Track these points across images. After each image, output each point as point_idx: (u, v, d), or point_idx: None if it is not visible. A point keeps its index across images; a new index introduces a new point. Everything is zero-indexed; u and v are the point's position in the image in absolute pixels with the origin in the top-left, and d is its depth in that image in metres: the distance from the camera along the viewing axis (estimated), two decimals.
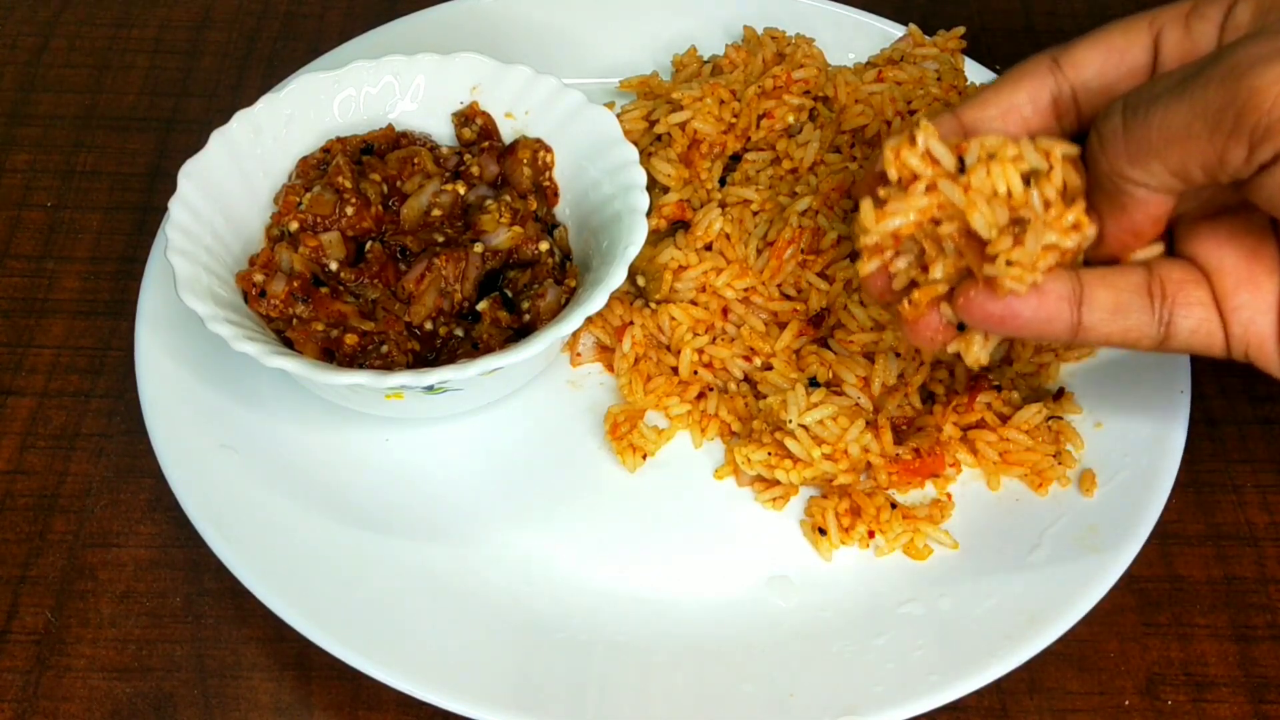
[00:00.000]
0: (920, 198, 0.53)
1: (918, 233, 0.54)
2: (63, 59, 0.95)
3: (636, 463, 0.70)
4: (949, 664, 0.60)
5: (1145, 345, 0.54)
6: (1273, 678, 0.65)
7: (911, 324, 0.56)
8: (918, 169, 0.53)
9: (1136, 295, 0.53)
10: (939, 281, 0.55)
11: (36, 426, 0.74)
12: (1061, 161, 0.52)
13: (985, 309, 0.53)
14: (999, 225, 0.52)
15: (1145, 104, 0.48)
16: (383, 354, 0.67)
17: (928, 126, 0.53)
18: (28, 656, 0.64)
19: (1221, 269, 0.53)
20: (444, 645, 0.61)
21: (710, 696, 0.61)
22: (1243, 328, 0.53)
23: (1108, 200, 0.52)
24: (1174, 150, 0.47)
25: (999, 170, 0.52)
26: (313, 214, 0.71)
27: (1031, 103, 0.55)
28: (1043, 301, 0.52)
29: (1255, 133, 0.44)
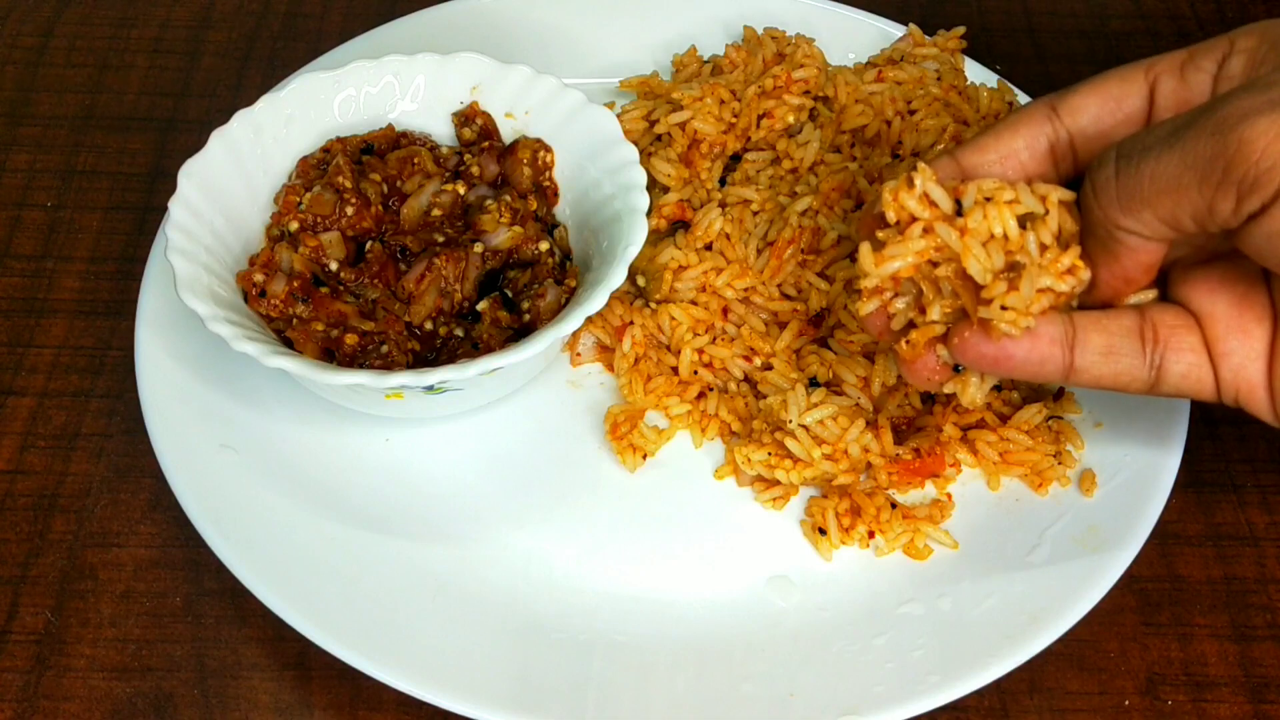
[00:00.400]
0: (917, 240, 0.55)
1: (915, 275, 0.56)
2: (63, 59, 0.95)
3: (636, 463, 0.70)
4: (949, 664, 0.60)
5: (1136, 388, 0.55)
6: (1273, 677, 0.65)
7: (909, 364, 0.57)
8: (915, 211, 0.55)
9: (1128, 339, 0.54)
10: (936, 323, 0.56)
11: (37, 426, 0.74)
12: (1057, 206, 0.53)
13: (979, 350, 0.54)
14: (994, 269, 0.53)
15: (1138, 154, 0.49)
16: (383, 354, 0.67)
17: (925, 169, 0.54)
18: (28, 656, 0.64)
19: (1212, 315, 0.54)
20: (444, 645, 0.61)
21: (710, 696, 0.61)
22: (1233, 373, 0.54)
23: (1101, 246, 0.53)
24: (1164, 200, 0.48)
25: (995, 213, 0.53)
26: (313, 214, 0.71)
27: (1029, 148, 0.56)
28: (1035, 344, 0.53)
29: (1243, 184, 0.45)
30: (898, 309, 0.57)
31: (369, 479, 0.69)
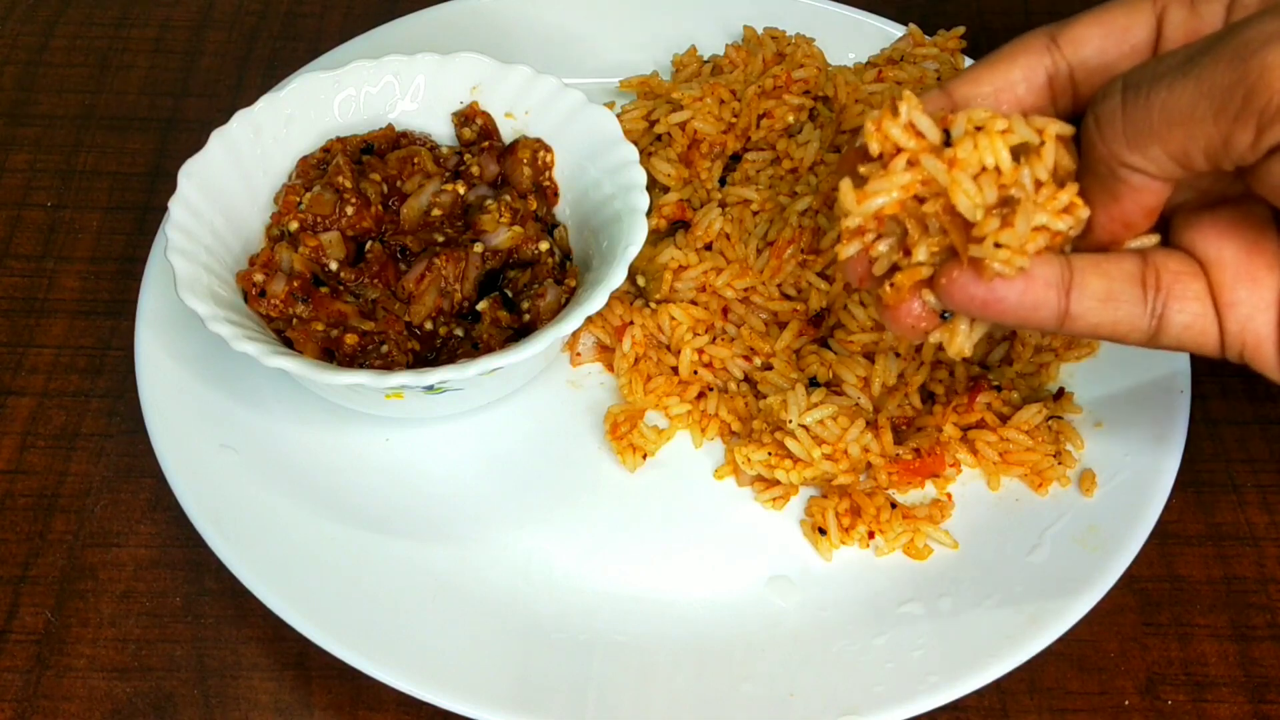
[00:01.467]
0: (902, 174, 0.50)
1: (900, 213, 0.51)
2: (63, 59, 0.95)
3: (636, 463, 0.70)
4: (949, 664, 0.60)
5: (1134, 339, 0.51)
6: (1273, 677, 0.65)
7: (892, 310, 0.52)
8: (900, 142, 0.50)
9: (1129, 284, 0.50)
10: (922, 264, 0.51)
11: (37, 426, 0.74)
12: (1054, 140, 0.49)
13: (968, 292, 0.50)
14: (986, 204, 0.49)
15: (1147, 83, 0.45)
16: (383, 354, 0.67)
17: (911, 97, 0.50)
18: (28, 656, 0.64)
19: (1219, 262, 0.50)
20: (444, 645, 0.61)
21: (710, 696, 0.61)
22: (1239, 325, 0.50)
23: (1101, 186, 0.49)
24: (1176, 133, 0.45)
25: (987, 143, 0.48)
26: (313, 214, 0.71)
27: (1026, 80, 0.52)
28: (1030, 286, 0.49)
29: (1265, 114, 0.42)
30: (881, 252, 0.52)
31: (369, 479, 0.69)
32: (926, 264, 0.51)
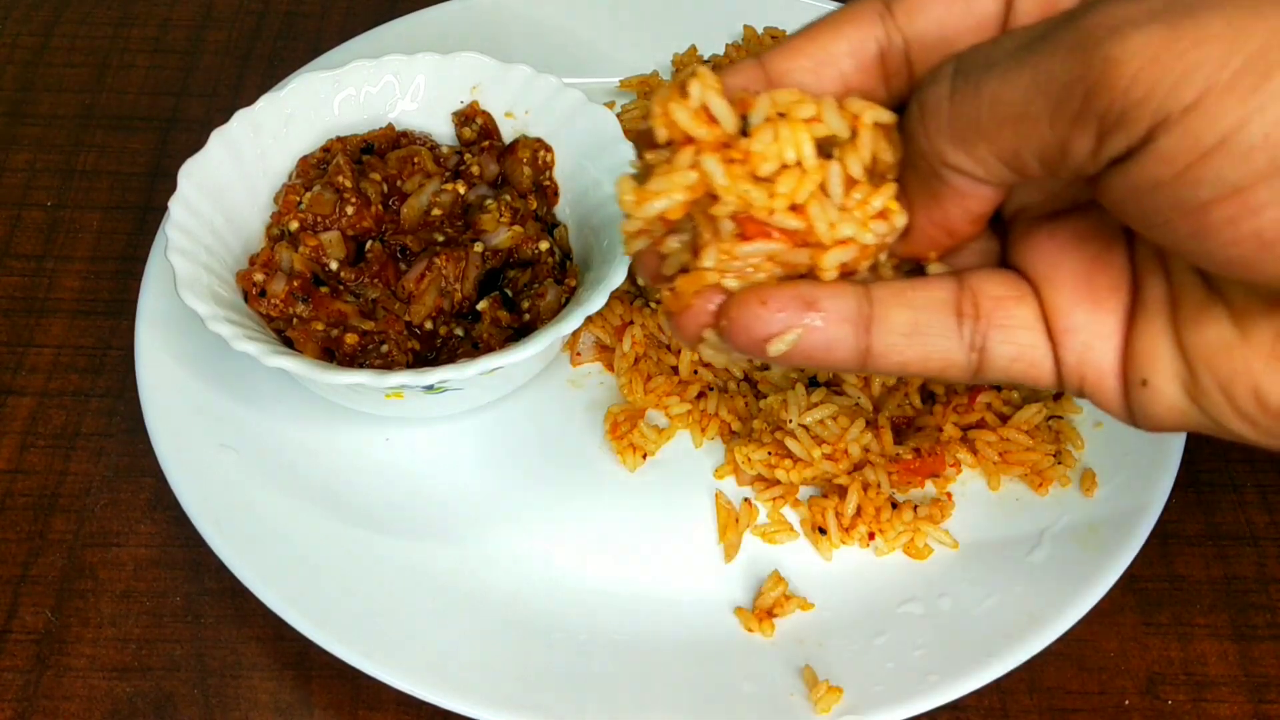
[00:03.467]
0: (689, 171, 0.41)
1: (692, 209, 0.42)
2: (63, 58, 0.95)
3: (636, 462, 0.70)
4: (949, 663, 0.60)
5: (954, 374, 0.43)
6: (1273, 677, 0.65)
7: (674, 315, 0.44)
8: (689, 129, 0.41)
9: (940, 314, 0.42)
10: (710, 270, 0.42)
11: (36, 426, 0.74)
12: (872, 130, 0.41)
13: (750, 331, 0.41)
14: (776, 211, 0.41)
15: (979, 70, 0.37)
16: (383, 353, 0.67)
17: (705, 74, 0.41)
18: (28, 656, 0.64)
19: (1054, 281, 0.42)
20: (444, 644, 0.61)
21: (710, 696, 0.61)
22: (1077, 356, 0.42)
23: (921, 185, 0.41)
24: (1006, 132, 0.37)
25: (788, 134, 0.40)
26: (313, 213, 0.71)
27: (853, 55, 0.43)
28: (822, 322, 0.41)
29: (1106, 118, 0.34)
30: (671, 248, 0.43)
31: (369, 478, 0.69)
32: (715, 270, 0.42)
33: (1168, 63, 0.32)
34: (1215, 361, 0.39)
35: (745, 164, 0.40)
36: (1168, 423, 0.40)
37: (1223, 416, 0.39)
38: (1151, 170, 0.34)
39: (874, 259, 0.43)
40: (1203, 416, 0.40)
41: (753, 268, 0.42)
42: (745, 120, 0.42)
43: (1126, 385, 0.41)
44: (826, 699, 0.59)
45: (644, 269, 0.45)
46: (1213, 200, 0.33)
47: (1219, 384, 0.39)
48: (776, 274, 0.42)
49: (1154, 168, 0.34)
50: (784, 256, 0.41)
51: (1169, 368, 0.40)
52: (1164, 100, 0.32)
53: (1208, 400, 0.39)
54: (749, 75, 0.43)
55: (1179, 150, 0.33)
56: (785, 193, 0.40)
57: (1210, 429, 0.40)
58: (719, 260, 0.42)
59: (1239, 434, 0.39)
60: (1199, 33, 0.32)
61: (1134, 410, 0.41)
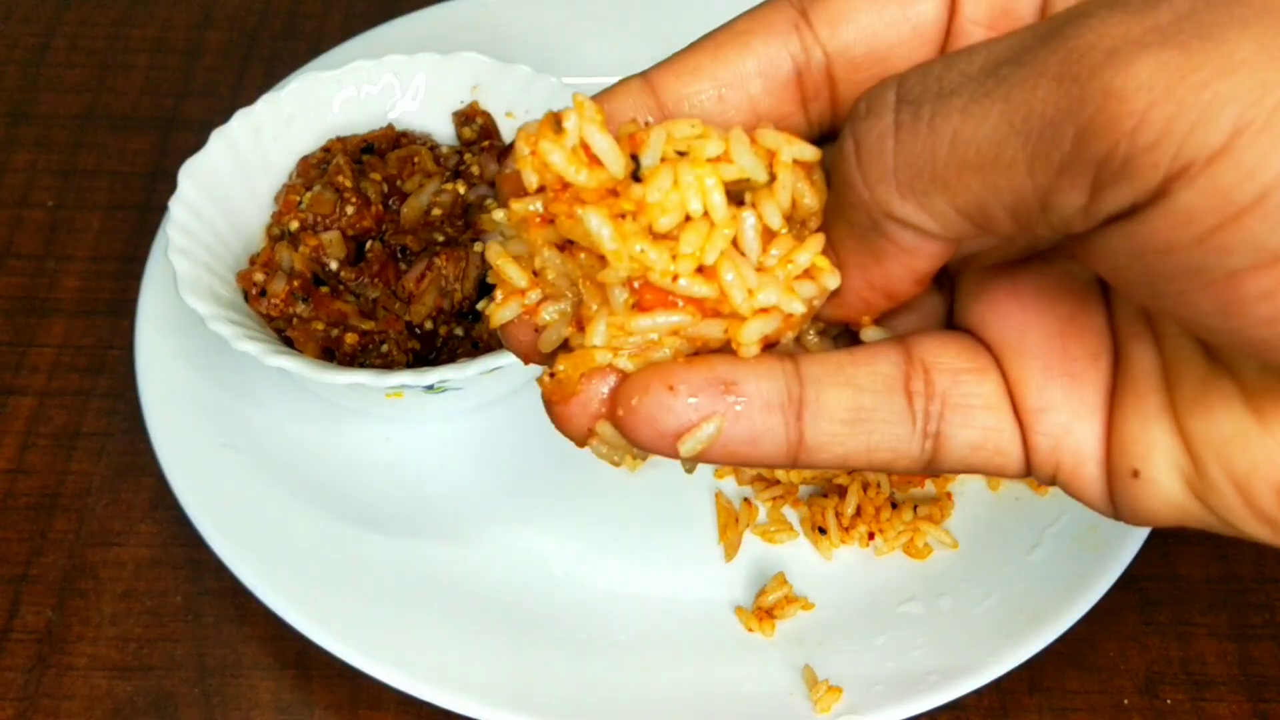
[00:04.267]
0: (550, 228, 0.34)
1: (571, 271, 0.34)
2: (64, 58, 0.95)
3: (636, 462, 0.70)
4: (949, 663, 0.61)
5: (903, 466, 0.35)
6: (1272, 676, 0.65)
7: (556, 405, 0.35)
8: (564, 174, 0.33)
9: (886, 394, 0.34)
10: (600, 349, 0.34)
11: (37, 425, 0.74)
12: (790, 169, 0.34)
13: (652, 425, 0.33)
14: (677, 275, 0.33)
15: (932, 100, 0.29)
16: (383, 353, 0.67)
17: (585, 103, 0.34)
18: (29, 655, 0.64)
19: (1021, 350, 0.34)
20: (444, 644, 0.61)
21: (710, 696, 0.61)
22: (1051, 440, 0.34)
23: (857, 240, 0.33)
24: (969, 181, 0.29)
25: (691, 179, 0.32)
26: (313, 213, 0.71)
27: (764, 74, 0.35)
28: (744, 410, 0.33)
29: (1106, 166, 0.26)
30: (550, 320, 0.35)
31: (369, 478, 0.69)
32: (605, 348, 0.34)
33: (1186, 97, 0.25)
34: (1227, 452, 0.31)
35: (639, 217, 0.32)
36: (1160, 518, 0.34)
37: (1234, 515, 0.32)
38: (1165, 232, 0.26)
39: (799, 329, 0.35)
40: (1206, 514, 0.32)
41: (653, 345, 0.34)
42: (636, 162, 0.33)
43: (1111, 475, 0.34)
44: (826, 699, 0.59)
45: (513, 343, 0.36)
46: (1246, 270, 0.26)
47: (1233, 479, 0.31)
48: (683, 351, 0.34)
49: (1169, 229, 0.26)
50: (692, 330, 0.33)
51: (1166, 457, 0.32)
52: (1183, 145, 0.25)
53: (1217, 497, 0.32)
54: (637, 100, 0.35)
55: (1203, 208, 0.25)
56: (690, 252, 0.32)
57: (1213, 527, 0.33)
58: (610, 336, 0.34)
59: (1252, 535, 0.32)
60: (1224, 58, 0.25)
61: (1120, 504, 0.34)
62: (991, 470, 0.35)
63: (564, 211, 0.33)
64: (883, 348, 0.35)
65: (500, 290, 0.35)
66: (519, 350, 0.36)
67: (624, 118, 0.34)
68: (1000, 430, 0.34)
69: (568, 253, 0.34)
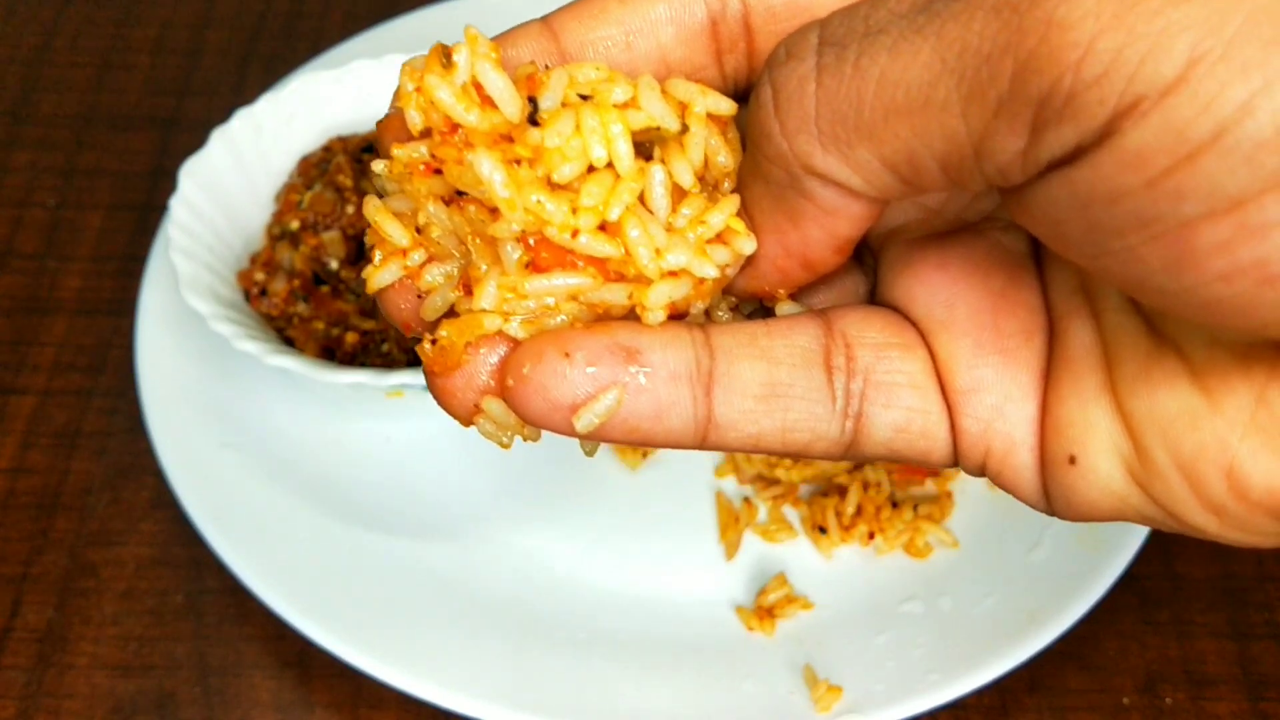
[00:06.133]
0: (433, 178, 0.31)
1: (458, 227, 0.31)
2: (65, 59, 0.95)
3: (637, 461, 0.70)
4: (949, 662, 0.61)
5: (820, 449, 0.32)
6: (1271, 675, 0.65)
7: (437, 377, 0.31)
8: (454, 114, 0.30)
9: (804, 368, 0.31)
10: (489, 313, 0.31)
11: (38, 425, 0.74)
12: (703, 123, 0.31)
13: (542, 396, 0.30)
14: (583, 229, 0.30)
15: (856, 40, 0.27)
16: (383, 353, 0.67)
17: (477, 37, 0.31)
18: (30, 654, 0.65)
19: (949, 326, 0.32)
20: (444, 643, 0.61)
21: (710, 695, 0.61)
22: (981, 424, 0.31)
23: (774, 200, 0.30)
24: (897, 127, 0.26)
25: (595, 125, 0.29)
26: (313, 212, 0.71)
27: (675, 21, 0.32)
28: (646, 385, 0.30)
29: (1048, 104, 0.24)
30: (434, 283, 0.32)
31: (369, 478, 0.69)
32: (495, 313, 0.31)
33: (1136, 25, 0.23)
34: (1173, 433, 0.28)
35: (536, 165, 0.29)
36: (1098, 510, 0.31)
37: (1177, 504, 0.29)
38: (1112, 177, 0.24)
39: (710, 298, 0.32)
40: (1147, 504, 0.30)
41: (548, 310, 0.31)
42: (534, 104, 0.30)
43: (1046, 463, 0.31)
44: (827, 698, 0.59)
45: (393, 310, 0.32)
46: (1200, 218, 0.23)
47: (1178, 463, 0.29)
48: (581, 318, 0.31)
49: (1116, 173, 0.23)
50: (591, 294, 0.30)
51: (1105, 441, 0.30)
52: (1133, 78, 0.23)
53: (1160, 484, 0.29)
54: (536, 45, 0.32)
55: (1155, 148, 0.23)
56: (592, 205, 0.29)
57: (1153, 519, 0.30)
58: (501, 299, 0.30)
59: (1194, 526, 0.29)
60: None
61: (1053, 495, 0.31)
62: (915, 456, 0.32)
63: (452, 157, 0.29)
64: (801, 320, 0.32)
65: (379, 251, 0.32)
66: (399, 319, 0.32)
67: (521, 62, 0.31)
68: (926, 412, 0.32)
69: (454, 206, 0.30)
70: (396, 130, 0.31)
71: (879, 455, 0.32)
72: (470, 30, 0.30)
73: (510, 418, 0.31)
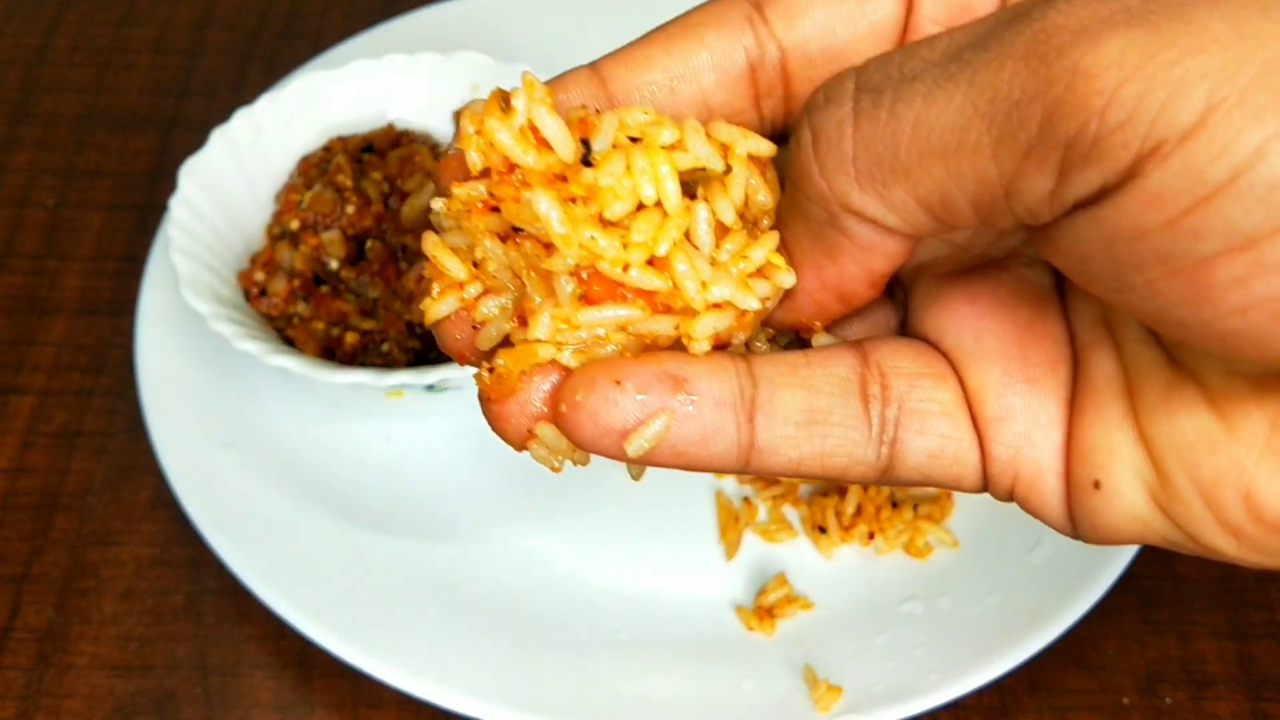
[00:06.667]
0: (490, 215, 0.33)
1: (514, 261, 0.33)
2: (65, 58, 0.95)
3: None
4: (949, 662, 0.61)
5: (856, 474, 0.34)
6: (1271, 675, 0.65)
7: (492, 404, 0.33)
8: (512, 155, 0.32)
9: (842, 397, 0.33)
10: (543, 343, 0.32)
11: (38, 424, 0.74)
12: (747, 164, 0.33)
13: (595, 421, 0.32)
14: (633, 264, 0.31)
15: (893, 86, 0.29)
16: (383, 352, 0.67)
17: (534, 83, 0.33)
18: (30, 654, 0.65)
19: (979, 357, 0.34)
20: (444, 643, 0.61)
21: (710, 695, 0.61)
22: (1010, 451, 0.33)
23: (812, 237, 0.32)
24: (933, 169, 0.28)
25: (644, 165, 0.32)
26: (313, 212, 0.71)
27: (717, 68, 0.34)
28: (694, 408, 0.32)
29: (1075, 147, 0.26)
30: (489, 314, 0.33)
31: (369, 477, 0.69)
32: (549, 343, 0.32)
33: (1157, 74, 0.25)
34: (1192, 458, 0.30)
35: (589, 203, 0.31)
36: (1121, 534, 0.32)
37: (1197, 526, 0.31)
38: (1135, 216, 0.25)
39: (751, 330, 0.33)
40: (1168, 527, 0.31)
41: (599, 341, 0.32)
42: (586, 146, 0.32)
43: (1071, 487, 0.33)
44: (826, 698, 0.59)
45: (449, 340, 0.34)
46: (1217, 255, 0.25)
47: (1198, 487, 0.30)
48: (630, 348, 0.32)
49: (1138, 212, 0.25)
50: (640, 326, 0.32)
51: (1129, 466, 0.31)
52: (1155, 123, 0.25)
53: (1181, 507, 0.31)
54: (586, 90, 0.34)
55: (1175, 189, 0.25)
56: (642, 241, 0.31)
57: (1175, 543, 0.32)
58: (554, 329, 0.32)
59: (1214, 549, 0.31)
60: (1195, 35, 0.25)
61: (1079, 519, 0.33)
62: (948, 482, 0.34)
63: (510, 195, 0.31)
64: (838, 350, 0.34)
65: (437, 284, 0.33)
66: (454, 349, 0.34)
67: (572, 106, 0.33)
68: (958, 439, 0.33)
69: (510, 242, 0.32)
70: (455, 171, 0.33)
71: (913, 480, 0.34)
72: (527, 76, 0.33)
73: (561, 442, 0.33)
